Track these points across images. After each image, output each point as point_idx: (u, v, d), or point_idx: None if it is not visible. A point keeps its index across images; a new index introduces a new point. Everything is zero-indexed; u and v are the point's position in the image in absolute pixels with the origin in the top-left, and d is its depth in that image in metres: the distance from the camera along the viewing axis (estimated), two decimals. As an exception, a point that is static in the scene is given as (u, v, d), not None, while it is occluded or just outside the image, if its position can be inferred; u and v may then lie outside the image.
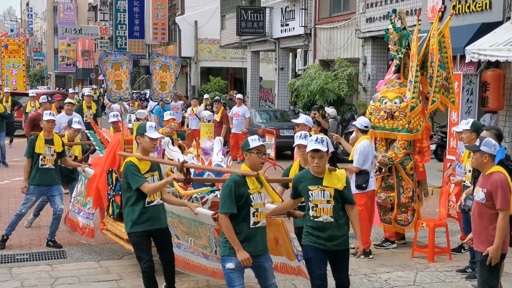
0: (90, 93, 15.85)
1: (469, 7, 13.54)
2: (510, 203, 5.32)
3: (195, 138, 7.98)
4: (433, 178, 13.07)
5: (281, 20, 24.29)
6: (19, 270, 7.38)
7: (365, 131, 8.20)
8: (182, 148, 7.97)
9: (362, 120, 8.29)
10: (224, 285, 5.42)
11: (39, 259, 7.81)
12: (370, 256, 8.02)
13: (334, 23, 20.90)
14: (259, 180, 5.26)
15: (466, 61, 12.45)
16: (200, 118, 14.32)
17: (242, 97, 18.34)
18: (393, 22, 8.71)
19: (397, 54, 8.67)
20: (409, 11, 15.86)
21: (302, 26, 22.44)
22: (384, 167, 8.42)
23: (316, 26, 21.99)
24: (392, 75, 8.78)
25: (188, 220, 6.13)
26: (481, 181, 5.53)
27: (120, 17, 41.14)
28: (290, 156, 16.13)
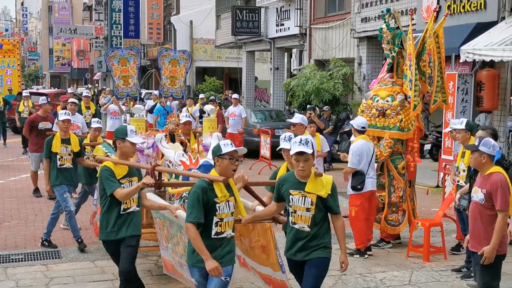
0: (88, 93, 15.78)
1: (464, 7, 13.56)
2: (509, 204, 5.28)
3: (196, 134, 7.91)
4: (427, 177, 13.10)
5: (276, 20, 24.30)
6: (14, 270, 7.37)
7: (362, 131, 8.16)
8: (184, 145, 7.88)
9: (359, 121, 8.25)
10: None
11: (34, 259, 7.79)
12: (365, 255, 8.02)
13: (329, 23, 20.91)
14: (230, 188, 4.86)
15: (461, 61, 12.47)
16: (195, 118, 14.26)
17: (238, 97, 18.35)
18: (387, 21, 8.73)
19: (390, 53, 8.68)
20: (404, 11, 15.86)
21: (297, 26, 22.44)
22: None
23: (311, 26, 22.00)
24: (385, 74, 8.80)
25: (171, 222, 5.93)
26: (479, 181, 5.47)
27: (115, 17, 41.04)
28: (286, 156, 16.07)
